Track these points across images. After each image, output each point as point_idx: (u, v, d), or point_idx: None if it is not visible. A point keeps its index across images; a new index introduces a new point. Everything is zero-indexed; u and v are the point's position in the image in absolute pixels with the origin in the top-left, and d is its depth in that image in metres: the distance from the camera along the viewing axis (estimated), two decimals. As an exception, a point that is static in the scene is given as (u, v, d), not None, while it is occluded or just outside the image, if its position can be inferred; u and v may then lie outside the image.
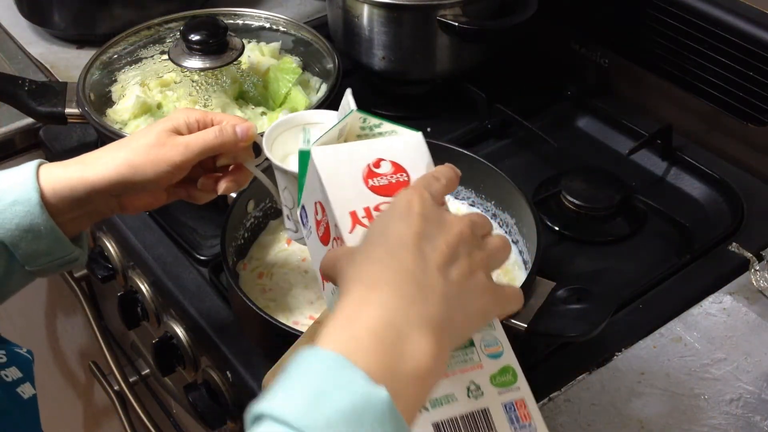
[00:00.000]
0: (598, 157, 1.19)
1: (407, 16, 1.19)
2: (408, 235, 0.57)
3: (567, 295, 0.80)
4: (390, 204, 0.61)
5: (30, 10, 1.43)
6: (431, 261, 0.57)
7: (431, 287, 0.56)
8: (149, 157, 0.78)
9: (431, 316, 0.55)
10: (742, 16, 1.08)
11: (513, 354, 0.65)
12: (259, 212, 0.98)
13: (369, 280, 0.56)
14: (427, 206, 0.60)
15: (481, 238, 0.62)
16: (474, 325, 0.61)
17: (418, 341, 0.53)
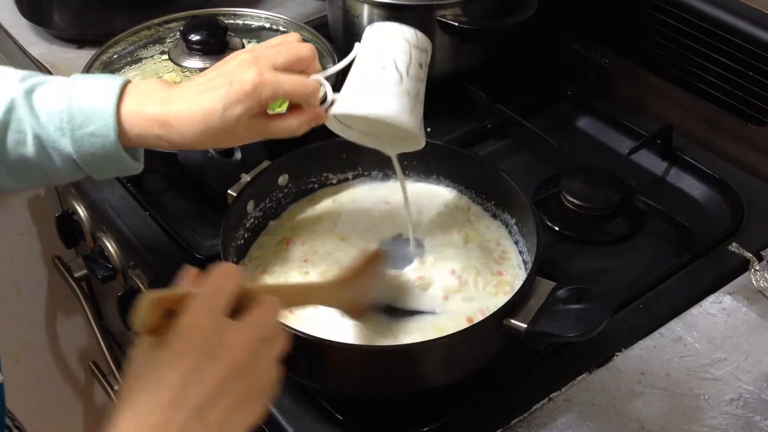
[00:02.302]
0: (598, 157, 1.19)
1: (407, 16, 1.19)
2: (172, 380, 0.59)
3: (567, 295, 0.80)
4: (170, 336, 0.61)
5: (30, 10, 1.43)
6: (191, 408, 0.58)
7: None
8: (229, 135, 0.80)
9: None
10: (742, 16, 1.08)
11: None
12: (259, 212, 0.98)
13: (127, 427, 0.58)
14: (204, 335, 0.61)
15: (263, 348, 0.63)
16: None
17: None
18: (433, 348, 0.80)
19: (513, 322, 0.80)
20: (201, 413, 0.59)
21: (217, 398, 0.60)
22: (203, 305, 0.62)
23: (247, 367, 0.61)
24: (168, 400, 0.58)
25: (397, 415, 0.89)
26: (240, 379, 0.61)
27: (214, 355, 0.60)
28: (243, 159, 0.97)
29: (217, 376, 0.60)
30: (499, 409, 0.86)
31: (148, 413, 0.58)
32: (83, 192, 1.19)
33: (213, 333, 0.61)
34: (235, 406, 0.60)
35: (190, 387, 0.59)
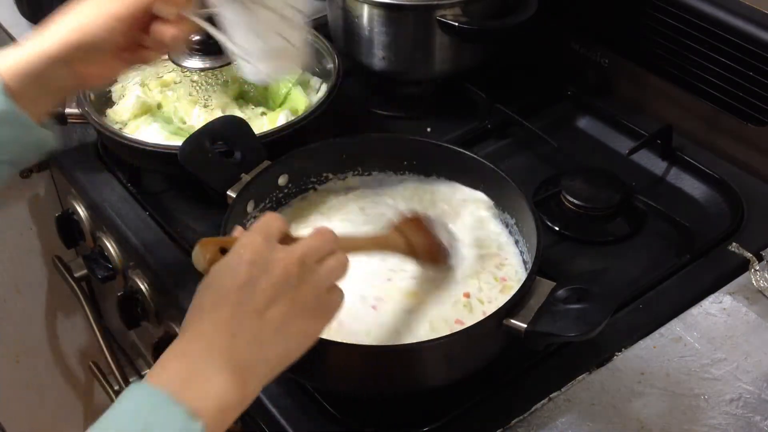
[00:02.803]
0: (598, 157, 1.19)
1: (407, 16, 1.19)
2: (231, 286, 0.67)
3: (567, 295, 0.80)
4: (229, 252, 0.69)
5: (30, 10, 1.43)
6: (249, 307, 0.66)
7: (243, 334, 0.65)
8: (96, 17, 0.81)
9: (237, 360, 0.65)
10: (742, 16, 1.08)
11: None
12: (259, 212, 0.98)
13: (191, 330, 0.66)
14: (257, 251, 0.68)
15: (315, 263, 0.70)
16: (298, 347, 0.70)
17: (219, 384, 0.63)
18: (433, 348, 0.80)
19: (513, 322, 0.80)
20: (258, 313, 0.66)
21: (272, 302, 0.67)
22: (256, 231, 0.70)
23: (299, 279, 0.68)
24: (228, 302, 0.66)
25: (397, 415, 0.89)
26: (291, 291, 0.68)
27: (267, 267, 0.67)
28: (243, 159, 0.97)
29: (270, 283, 0.67)
30: (499, 409, 0.86)
31: (214, 310, 0.66)
32: (83, 192, 1.19)
33: (265, 249, 0.68)
34: (288, 312, 0.67)
35: (247, 289, 0.66)
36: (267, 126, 1.12)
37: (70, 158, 1.21)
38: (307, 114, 1.10)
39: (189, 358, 0.64)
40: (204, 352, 0.64)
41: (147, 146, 1.08)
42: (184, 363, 0.64)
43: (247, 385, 0.65)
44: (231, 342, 0.65)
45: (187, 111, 1.14)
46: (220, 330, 0.65)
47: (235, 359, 0.64)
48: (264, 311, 0.66)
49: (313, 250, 0.71)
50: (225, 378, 0.63)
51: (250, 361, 0.65)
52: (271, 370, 0.68)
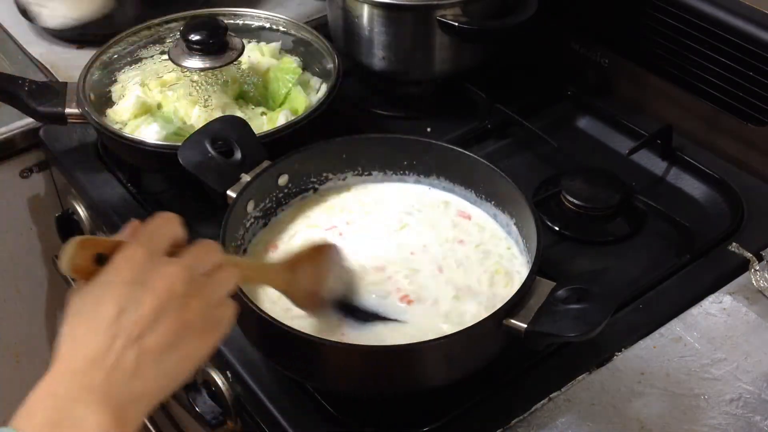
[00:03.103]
0: (598, 157, 1.19)
1: (407, 16, 1.19)
2: (108, 312, 0.60)
3: (567, 295, 0.80)
4: (106, 269, 0.62)
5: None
6: (128, 334, 0.60)
7: (120, 368, 0.59)
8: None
9: (114, 397, 0.59)
10: (742, 16, 1.08)
11: None
12: (259, 212, 0.98)
13: (62, 364, 0.60)
14: (137, 268, 0.62)
15: (202, 278, 0.65)
16: (183, 372, 0.64)
17: (93, 424, 0.57)
18: (433, 348, 0.80)
19: (513, 322, 0.80)
20: (138, 340, 0.60)
21: (154, 325, 0.61)
22: (139, 242, 0.64)
23: (185, 297, 0.63)
24: (105, 328, 0.60)
25: (397, 415, 0.89)
26: (178, 309, 0.62)
27: (150, 285, 0.61)
28: (243, 159, 0.97)
29: (152, 305, 0.61)
30: (499, 409, 0.86)
31: (87, 342, 0.60)
32: (83, 192, 1.19)
33: (148, 264, 0.62)
34: (173, 335, 0.62)
35: (126, 314, 0.60)
36: (267, 126, 1.12)
37: (70, 158, 1.21)
38: (307, 114, 1.10)
39: (59, 400, 0.58)
40: (75, 392, 0.58)
41: (147, 146, 1.08)
42: (54, 404, 0.58)
43: (126, 422, 0.59)
44: (106, 379, 0.59)
45: (187, 111, 1.14)
46: (93, 366, 0.59)
47: (112, 396, 0.59)
48: (144, 339, 0.60)
49: (200, 262, 0.66)
50: (101, 418, 0.57)
51: (129, 397, 0.60)
52: (152, 402, 0.62)
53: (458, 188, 1.01)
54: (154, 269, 0.63)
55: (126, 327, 0.60)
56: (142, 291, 0.61)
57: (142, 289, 0.61)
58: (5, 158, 1.30)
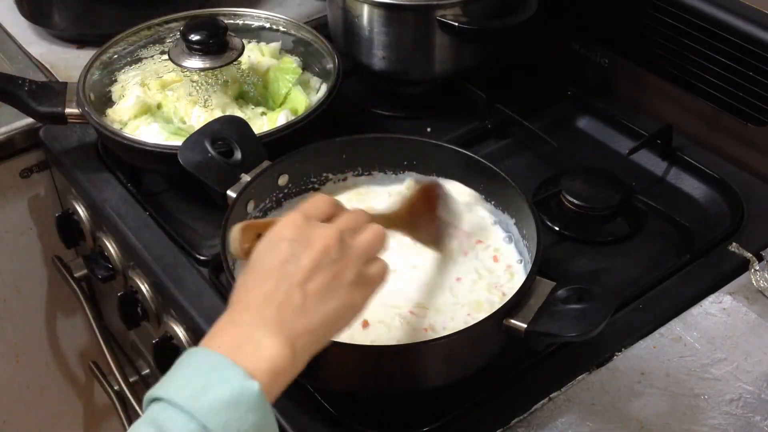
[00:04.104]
0: (598, 157, 1.19)
1: (407, 16, 1.19)
2: (274, 263, 0.71)
3: (567, 295, 0.80)
4: (270, 231, 0.73)
5: (30, 10, 1.43)
6: (293, 280, 0.69)
7: (288, 304, 0.69)
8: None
9: (285, 328, 0.68)
10: (742, 16, 1.08)
11: None
12: (259, 212, 0.98)
13: (240, 304, 0.70)
14: (297, 229, 0.72)
15: (351, 239, 0.74)
16: (342, 318, 0.72)
17: (270, 348, 0.66)
18: (433, 348, 0.80)
19: (513, 322, 0.80)
20: (301, 285, 0.69)
21: (314, 275, 0.70)
22: (298, 210, 0.74)
23: (339, 253, 0.71)
24: (272, 275, 0.70)
25: (397, 415, 0.89)
26: (331, 264, 0.71)
27: (307, 243, 0.71)
28: (243, 159, 0.97)
29: (311, 258, 0.70)
30: (499, 409, 0.86)
31: (258, 286, 0.70)
32: (83, 192, 1.19)
33: (305, 227, 0.72)
34: (331, 284, 0.70)
35: (289, 264, 0.70)
36: (267, 126, 1.12)
37: (70, 158, 1.21)
38: (307, 114, 1.10)
39: (240, 327, 0.68)
40: (253, 321, 0.68)
41: (147, 146, 1.08)
42: (235, 330, 0.68)
43: (296, 352, 0.67)
44: (277, 312, 0.68)
45: (187, 111, 1.14)
46: (266, 302, 0.68)
47: (283, 327, 0.68)
48: (306, 284, 0.69)
49: (350, 225, 0.74)
50: (275, 343, 0.66)
51: (297, 330, 0.68)
52: (318, 339, 0.71)
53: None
54: (311, 231, 0.72)
55: (290, 274, 0.70)
56: (301, 247, 0.71)
57: (301, 246, 0.71)
58: (5, 158, 1.29)
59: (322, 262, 0.71)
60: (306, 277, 0.70)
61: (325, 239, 0.71)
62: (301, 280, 0.69)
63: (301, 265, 0.70)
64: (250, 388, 0.63)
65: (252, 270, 0.72)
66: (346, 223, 0.75)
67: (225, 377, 0.64)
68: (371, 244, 0.75)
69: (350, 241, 0.73)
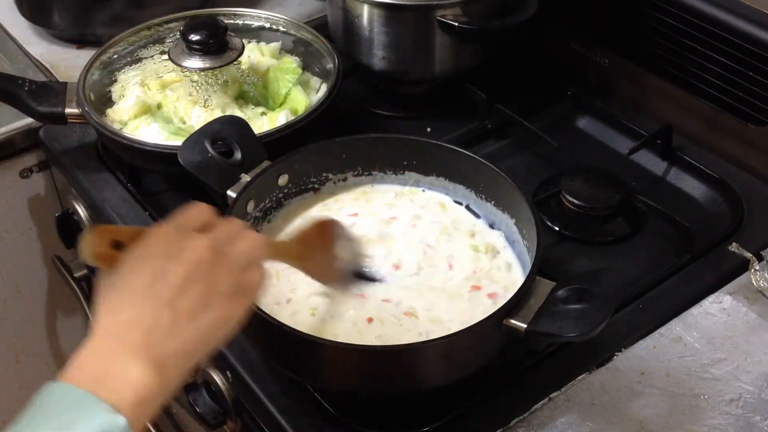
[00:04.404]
0: (598, 157, 1.19)
1: (407, 16, 1.19)
2: (141, 281, 0.66)
3: (567, 295, 0.80)
4: (140, 245, 0.68)
5: (30, 10, 1.43)
6: (161, 299, 0.65)
7: (156, 327, 0.64)
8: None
9: (153, 352, 0.63)
10: (742, 16, 1.08)
11: None
12: (259, 212, 0.98)
13: (103, 330, 0.65)
14: (166, 241, 0.68)
15: (227, 247, 0.69)
16: (219, 332, 0.68)
17: (136, 375, 0.62)
18: (433, 348, 0.80)
19: (513, 322, 0.80)
20: (171, 303, 0.65)
21: (185, 291, 0.66)
22: (168, 222, 0.69)
23: (213, 265, 0.68)
24: (140, 295, 0.65)
25: (397, 415, 0.89)
26: (205, 276, 0.67)
27: (179, 256, 0.67)
28: (243, 159, 0.97)
29: (182, 273, 0.66)
30: (499, 409, 0.86)
31: (123, 308, 0.65)
32: (83, 192, 1.19)
33: (176, 238, 0.68)
34: (204, 298, 0.66)
35: (158, 282, 0.65)
36: (267, 126, 1.12)
37: (70, 158, 1.21)
38: (307, 114, 1.10)
39: (102, 357, 0.63)
40: (117, 349, 0.63)
41: (147, 146, 1.08)
42: (97, 361, 0.63)
43: (165, 376, 0.63)
44: (144, 337, 0.64)
45: (187, 111, 1.14)
46: (132, 326, 0.64)
47: (151, 352, 0.63)
48: (176, 301, 0.65)
49: (224, 233, 0.70)
50: (140, 371, 0.62)
51: (167, 352, 0.64)
52: (192, 357, 0.67)
53: (458, 188, 1.01)
54: (182, 243, 0.68)
55: (158, 292, 0.65)
56: (172, 262, 0.66)
57: (171, 260, 0.66)
58: (5, 158, 1.29)
59: (193, 276, 0.66)
60: (175, 294, 0.65)
61: (197, 250, 0.67)
62: (170, 297, 0.65)
63: (170, 282, 0.65)
64: (116, 423, 0.59)
65: (117, 289, 0.66)
66: (220, 231, 0.70)
67: (88, 414, 0.59)
68: (248, 251, 0.71)
69: (226, 249, 0.69)
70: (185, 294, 0.66)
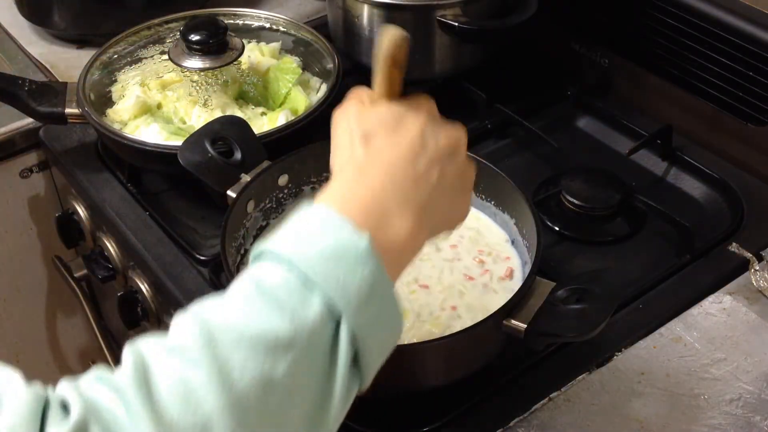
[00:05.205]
0: (598, 157, 1.19)
1: (407, 16, 1.19)
2: (409, 134, 0.66)
3: (567, 295, 0.80)
4: (405, 101, 0.70)
5: (30, 10, 1.43)
6: (430, 155, 0.66)
7: (423, 178, 0.65)
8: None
9: (416, 201, 0.64)
10: (742, 16, 1.08)
11: None
12: (259, 212, 0.98)
13: (364, 163, 0.65)
14: (430, 113, 0.69)
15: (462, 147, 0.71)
16: (458, 215, 0.71)
17: (399, 219, 0.62)
18: (433, 348, 0.80)
19: (513, 322, 0.80)
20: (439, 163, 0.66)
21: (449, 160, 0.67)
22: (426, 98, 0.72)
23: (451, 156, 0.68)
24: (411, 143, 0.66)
25: (397, 415, 0.89)
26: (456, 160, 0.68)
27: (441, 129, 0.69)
28: (243, 159, 0.97)
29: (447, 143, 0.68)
30: (499, 409, 0.86)
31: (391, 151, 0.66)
32: (83, 192, 1.19)
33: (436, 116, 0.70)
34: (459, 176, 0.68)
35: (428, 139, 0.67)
36: (267, 126, 1.12)
37: (70, 158, 1.21)
38: (307, 114, 1.10)
39: (375, 193, 0.63)
40: (389, 190, 0.63)
41: (147, 146, 1.08)
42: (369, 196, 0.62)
43: (421, 227, 0.63)
44: (414, 185, 0.64)
45: (187, 111, 1.15)
46: (398, 168, 0.64)
47: (416, 202, 0.63)
48: (444, 166, 0.67)
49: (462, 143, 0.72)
50: (406, 218, 0.62)
51: (426, 206, 0.64)
52: (435, 227, 0.67)
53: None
54: (439, 122, 0.70)
55: (429, 149, 0.66)
56: (438, 130, 0.68)
57: (436, 128, 0.68)
58: (5, 158, 1.30)
59: (452, 152, 0.68)
60: (443, 158, 0.66)
61: (455, 138, 0.69)
62: (436, 159, 0.66)
63: (440, 145, 0.67)
64: (360, 240, 0.57)
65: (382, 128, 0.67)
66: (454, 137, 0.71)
67: (334, 229, 0.58)
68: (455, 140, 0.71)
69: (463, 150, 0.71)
70: (449, 163, 0.67)
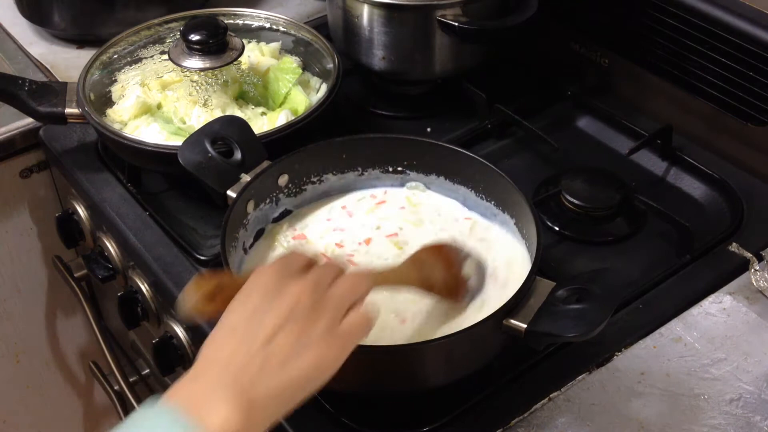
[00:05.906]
0: (598, 157, 1.19)
1: (407, 16, 1.19)
2: (239, 320, 0.68)
3: (567, 295, 0.80)
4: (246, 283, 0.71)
5: (30, 10, 1.43)
6: (255, 341, 0.67)
7: (247, 370, 0.65)
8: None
9: (243, 393, 0.64)
10: (742, 16, 1.08)
11: None
12: (259, 212, 0.98)
13: (204, 361, 0.68)
14: (268, 283, 0.70)
15: (326, 291, 0.70)
16: (314, 376, 0.68)
17: (224, 413, 0.63)
18: (433, 348, 0.80)
19: (513, 322, 0.80)
20: (264, 346, 0.66)
21: (279, 332, 0.67)
22: (270, 265, 0.72)
23: (311, 307, 0.68)
24: (237, 335, 0.67)
25: (397, 415, 0.89)
26: (303, 319, 0.68)
27: (277, 298, 0.68)
28: (243, 159, 0.97)
29: (278, 315, 0.67)
30: (499, 409, 0.86)
31: (222, 346, 0.67)
32: (83, 192, 1.19)
33: (277, 281, 0.70)
34: (297, 343, 0.67)
35: (253, 325, 0.67)
36: (267, 126, 1.12)
37: (70, 158, 1.21)
38: (307, 114, 1.10)
39: (198, 385, 0.66)
40: (213, 380, 0.65)
41: (147, 146, 1.08)
42: (195, 387, 0.66)
43: (251, 418, 0.64)
44: (237, 374, 0.65)
45: (187, 111, 1.14)
46: (227, 364, 0.66)
47: (241, 392, 0.64)
48: (268, 346, 0.66)
49: (324, 275, 0.71)
50: (229, 412, 0.63)
51: (257, 395, 0.65)
52: (280, 404, 0.67)
53: (458, 188, 1.01)
54: (282, 285, 0.69)
55: (253, 333, 0.67)
56: (270, 304, 0.68)
57: (269, 300, 0.68)
58: (5, 158, 1.30)
59: (290, 318, 0.67)
60: (269, 337, 0.66)
61: (296, 293, 0.69)
62: (264, 340, 0.66)
63: (266, 325, 0.67)
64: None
65: (221, 325, 0.69)
66: (321, 272, 0.71)
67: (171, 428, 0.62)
68: (349, 291, 0.71)
69: (325, 292, 0.70)
70: (279, 335, 0.67)
